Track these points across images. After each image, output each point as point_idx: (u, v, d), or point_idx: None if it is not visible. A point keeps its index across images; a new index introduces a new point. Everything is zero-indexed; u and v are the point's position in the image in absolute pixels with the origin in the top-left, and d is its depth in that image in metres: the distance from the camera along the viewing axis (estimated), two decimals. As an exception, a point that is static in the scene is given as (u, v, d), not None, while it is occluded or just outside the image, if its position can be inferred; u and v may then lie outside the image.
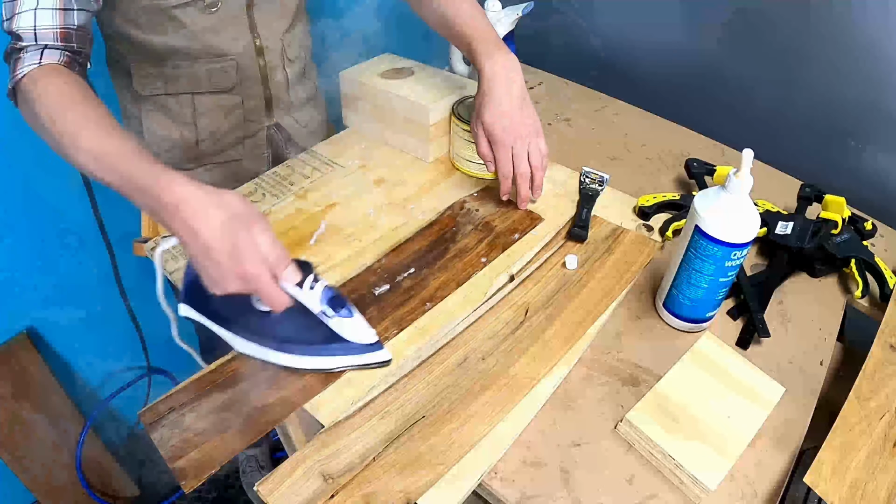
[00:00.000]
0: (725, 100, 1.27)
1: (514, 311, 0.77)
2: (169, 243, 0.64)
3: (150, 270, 0.70)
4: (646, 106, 1.18)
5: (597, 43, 1.43)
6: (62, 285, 1.30)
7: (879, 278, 0.83)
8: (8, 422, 1.25)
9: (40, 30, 0.68)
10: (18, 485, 1.32)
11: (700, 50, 1.27)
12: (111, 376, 1.51)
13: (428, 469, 0.61)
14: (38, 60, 0.67)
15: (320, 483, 0.59)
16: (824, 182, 0.96)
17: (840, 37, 1.06)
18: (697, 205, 0.69)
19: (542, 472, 0.63)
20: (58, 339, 1.35)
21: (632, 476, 0.63)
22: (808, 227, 0.85)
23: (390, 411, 0.66)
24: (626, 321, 0.79)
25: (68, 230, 1.26)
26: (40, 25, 0.68)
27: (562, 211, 0.92)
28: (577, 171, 0.99)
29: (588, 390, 0.71)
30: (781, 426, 0.68)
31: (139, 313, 1.47)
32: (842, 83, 1.09)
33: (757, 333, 0.76)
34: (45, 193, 1.18)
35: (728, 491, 0.62)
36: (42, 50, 0.68)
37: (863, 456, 0.62)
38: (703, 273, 0.71)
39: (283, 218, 0.89)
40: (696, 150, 1.07)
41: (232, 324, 0.70)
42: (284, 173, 0.98)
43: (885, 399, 0.68)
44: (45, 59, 0.68)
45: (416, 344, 0.73)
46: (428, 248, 0.85)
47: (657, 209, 0.92)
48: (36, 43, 0.68)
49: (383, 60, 1.04)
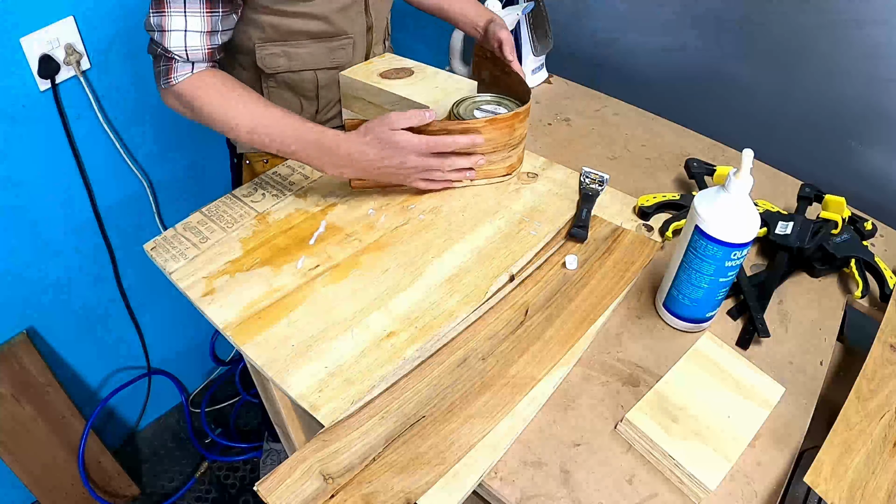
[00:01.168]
0: (725, 100, 1.27)
1: (514, 311, 0.77)
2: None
3: (150, 270, 0.70)
4: (646, 106, 1.18)
5: (597, 43, 1.43)
6: (62, 285, 1.30)
7: (879, 278, 0.83)
8: (8, 422, 1.25)
9: (191, 50, 0.80)
10: (18, 485, 1.32)
11: (700, 50, 1.27)
12: (111, 376, 1.52)
13: (428, 469, 0.61)
14: (189, 71, 0.81)
15: (320, 483, 0.59)
16: (824, 182, 0.96)
17: (840, 36, 1.06)
18: (697, 205, 0.69)
19: (542, 472, 0.63)
20: (58, 339, 1.35)
21: (632, 476, 0.63)
22: (808, 227, 0.85)
23: (390, 411, 0.66)
24: (626, 321, 0.79)
25: (68, 230, 1.26)
26: (191, 47, 0.79)
27: (562, 211, 0.92)
28: (577, 171, 0.99)
29: (588, 390, 0.71)
30: (781, 426, 0.68)
31: (139, 313, 1.47)
32: (842, 83, 1.09)
33: (757, 333, 0.76)
34: (44, 193, 1.18)
35: (728, 491, 0.62)
36: (193, 64, 0.81)
37: (863, 456, 0.62)
38: (703, 273, 0.71)
39: (283, 218, 0.90)
40: (696, 150, 1.07)
41: None
42: (284, 173, 0.98)
43: (885, 399, 0.68)
44: (196, 69, 0.81)
45: (416, 344, 0.73)
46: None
47: (657, 209, 0.92)
48: (187, 60, 0.81)
49: (383, 60, 1.04)
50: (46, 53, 1.06)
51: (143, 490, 1.57)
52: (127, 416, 1.63)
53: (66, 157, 1.18)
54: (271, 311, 0.77)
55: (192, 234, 0.87)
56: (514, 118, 0.89)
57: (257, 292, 0.79)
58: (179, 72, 0.81)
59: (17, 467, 1.30)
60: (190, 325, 1.61)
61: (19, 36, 1.02)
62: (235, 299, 0.78)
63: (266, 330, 0.75)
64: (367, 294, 0.79)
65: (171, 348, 1.62)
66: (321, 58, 0.98)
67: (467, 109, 0.95)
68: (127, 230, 1.35)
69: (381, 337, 0.74)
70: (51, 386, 1.30)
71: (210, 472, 1.63)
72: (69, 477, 1.40)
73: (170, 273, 0.81)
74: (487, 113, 0.94)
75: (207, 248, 0.85)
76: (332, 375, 0.70)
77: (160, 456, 1.66)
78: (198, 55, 0.81)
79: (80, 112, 1.16)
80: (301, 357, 0.72)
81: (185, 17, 0.78)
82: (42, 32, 1.04)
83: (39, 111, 1.10)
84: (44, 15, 1.04)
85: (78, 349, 1.40)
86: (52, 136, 1.14)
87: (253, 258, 0.83)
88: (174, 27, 0.78)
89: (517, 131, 0.92)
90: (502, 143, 0.91)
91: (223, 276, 0.81)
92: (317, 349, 0.73)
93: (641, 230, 0.90)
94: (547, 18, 1.19)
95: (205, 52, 0.81)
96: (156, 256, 0.84)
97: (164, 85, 0.82)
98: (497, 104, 0.97)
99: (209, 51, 0.81)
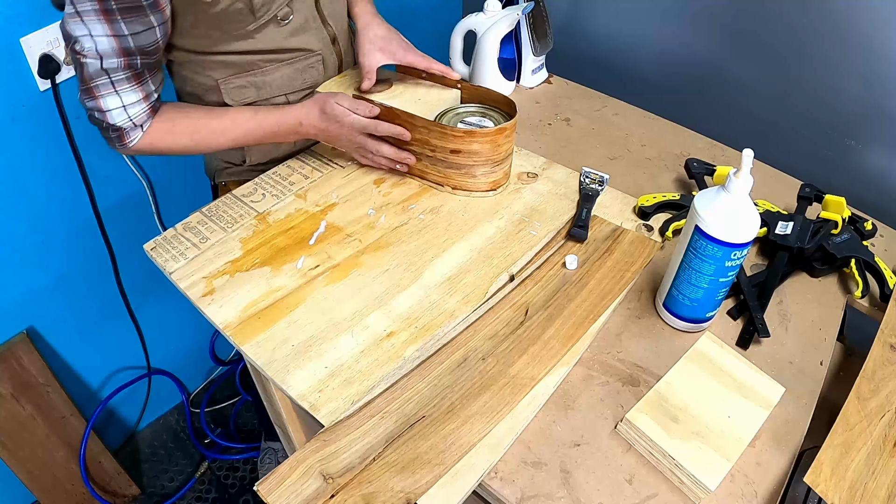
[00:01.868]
0: (725, 100, 1.27)
1: (514, 311, 0.77)
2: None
3: (150, 270, 0.70)
4: (646, 106, 1.18)
5: (597, 43, 1.43)
6: (62, 286, 1.30)
7: (879, 278, 0.83)
8: (8, 422, 1.25)
9: (136, 118, 0.81)
10: (18, 485, 1.32)
11: (700, 50, 1.27)
12: (111, 376, 1.52)
13: (428, 469, 0.61)
14: (140, 132, 0.83)
15: (320, 483, 0.59)
16: (824, 182, 0.96)
17: (840, 36, 1.06)
18: (697, 205, 0.69)
19: (542, 472, 0.63)
20: (58, 339, 1.35)
21: (632, 476, 0.63)
22: (808, 227, 0.85)
23: (390, 411, 0.66)
24: (626, 321, 0.79)
25: (68, 230, 1.26)
26: (134, 115, 0.81)
27: (562, 211, 0.92)
28: (577, 171, 0.99)
29: (588, 390, 0.71)
30: (781, 426, 0.68)
31: (139, 313, 1.47)
32: (842, 83, 1.09)
33: (757, 333, 0.76)
34: (44, 193, 1.18)
35: (728, 491, 0.62)
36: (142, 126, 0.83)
37: (863, 456, 0.62)
38: (703, 273, 0.71)
39: (283, 218, 0.90)
40: (696, 150, 1.07)
41: None
42: (284, 173, 0.98)
43: (885, 399, 0.68)
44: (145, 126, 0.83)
45: (416, 344, 0.73)
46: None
47: (657, 209, 0.92)
48: (135, 126, 0.82)
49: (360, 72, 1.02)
50: (46, 53, 1.06)
51: (143, 490, 1.57)
52: (127, 416, 1.63)
53: (66, 157, 1.18)
54: (271, 311, 0.77)
55: (192, 234, 0.87)
56: (498, 133, 0.87)
57: (257, 292, 0.79)
58: (131, 136, 0.83)
59: (16, 467, 1.30)
60: (190, 325, 1.61)
61: (19, 36, 1.02)
62: (235, 299, 0.78)
63: (266, 330, 0.75)
64: (367, 294, 0.79)
65: (171, 348, 1.62)
66: (291, 81, 0.95)
67: (451, 122, 0.93)
68: (127, 230, 1.34)
69: (381, 337, 0.74)
70: (51, 386, 1.30)
71: (210, 472, 1.63)
72: (69, 477, 1.40)
73: (170, 273, 0.81)
74: (471, 126, 0.93)
75: (207, 248, 0.85)
76: (332, 375, 0.70)
77: (160, 456, 1.66)
78: (143, 118, 0.82)
79: (80, 112, 1.15)
80: (301, 357, 0.72)
81: (118, 94, 0.78)
82: (42, 32, 1.04)
83: (39, 111, 1.10)
84: (44, 15, 1.04)
85: (78, 349, 1.40)
86: (52, 136, 1.14)
87: (253, 258, 0.83)
88: (111, 106, 0.79)
89: (501, 146, 0.89)
90: (483, 157, 0.89)
91: (223, 276, 0.81)
92: (317, 349, 0.73)
93: (641, 230, 0.90)
94: (547, 18, 1.19)
95: (147, 112, 0.82)
96: (156, 256, 0.84)
97: (121, 149, 0.84)
98: (482, 116, 0.95)
99: (150, 108, 0.83)
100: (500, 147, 0.89)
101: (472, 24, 1.14)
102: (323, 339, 0.74)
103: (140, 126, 0.82)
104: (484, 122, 0.94)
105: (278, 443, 1.55)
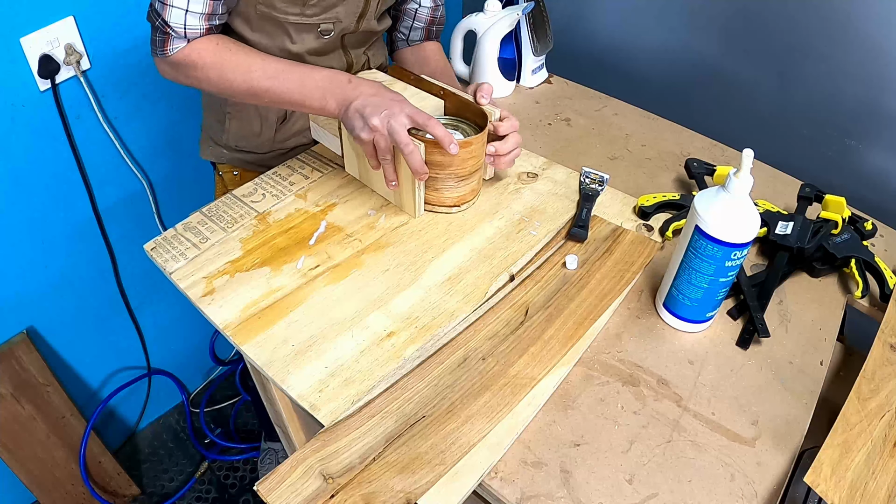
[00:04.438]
0: (725, 100, 1.27)
1: (514, 311, 0.77)
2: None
3: (150, 270, 0.70)
4: (646, 106, 1.18)
5: (597, 43, 1.43)
6: (62, 285, 1.30)
7: (879, 278, 0.83)
8: (8, 422, 1.25)
9: (189, 29, 0.81)
10: (18, 484, 1.32)
11: (700, 50, 1.27)
12: (111, 376, 1.52)
13: (428, 469, 0.61)
14: (185, 44, 0.82)
15: (320, 483, 0.59)
16: (824, 182, 0.96)
17: (840, 36, 1.06)
18: (697, 205, 0.69)
19: (542, 472, 0.63)
20: (58, 339, 1.35)
21: (632, 476, 0.63)
22: (808, 227, 0.85)
23: (390, 411, 0.66)
24: (626, 321, 0.79)
25: (68, 230, 1.26)
26: (190, 26, 0.81)
27: (562, 211, 0.92)
28: (577, 171, 0.99)
29: (588, 390, 0.71)
30: (781, 426, 0.68)
31: (139, 313, 1.47)
32: (842, 82, 1.09)
33: (757, 333, 0.76)
34: (44, 193, 1.18)
35: (728, 491, 0.62)
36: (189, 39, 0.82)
37: (863, 456, 0.62)
38: (703, 273, 0.71)
39: (283, 218, 0.89)
40: (696, 150, 1.07)
41: None
42: (284, 173, 0.98)
43: (885, 399, 0.68)
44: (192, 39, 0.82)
45: (416, 344, 0.73)
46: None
47: (657, 209, 0.92)
48: (184, 37, 0.81)
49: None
50: (46, 53, 1.06)
51: (144, 490, 1.57)
52: (127, 416, 1.63)
53: (66, 156, 1.18)
54: (271, 311, 0.77)
55: (192, 234, 0.87)
56: (465, 145, 0.82)
57: (257, 292, 0.79)
58: (175, 44, 0.81)
59: (16, 467, 1.30)
60: (190, 325, 1.61)
61: (19, 36, 1.02)
62: (235, 299, 0.78)
63: (266, 330, 0.75)
64: (367, 294, 0.79)
65: (171, 348, 1.62)
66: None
67: (420, 131, 0.88)
68: (127, 230, 1.35)
69: (381, 337, 0.74)
70: (51, 386, 1.30)
71: (210, 472, 1.63)
72: (69, 477, 1.40)
73: (170, 273, 0.81)
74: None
75: (207, 248, 0.85)
76: (332, 375, 0.70)
77: (160, 456, 1.66)
78: (195, 34, 0.82)
79: (80, 112, 1.16)
80: (301, 357, 0.72)
81: None
82: (42, 32, 1.04)
83: (39, 111, 1.10)
84: (44, 15, 1.04)
85: (78, 349, 1.40)
86: (52, 136, 1.14)
87: (253, 258, 0.83)
88: (176, 4, 0.78)
89: (466, 162, 0.84)
90: (447, 171, 0.84)
91: (223, 276, 0.81)
92: (317, 349, 0.73)
93: (641, 230, 0.90)
94: (547, 18, 1.19)
95: (202, 31, 0.82)
96: (156, 256, 0.84)
97: (160, 55, 0.83)
98: (454, 128, 0.91)
99: (206, 29, 0.82)
100: (466, 162, 0.84)
101: (472, 24, 1.14)
102: (323, 339, 0.74)
103: (187, 39, 0.81)
104: (455, 133, 0.90)
105: (278, 443, 1.55)
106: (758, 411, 0.69)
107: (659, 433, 0.66)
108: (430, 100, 0.93)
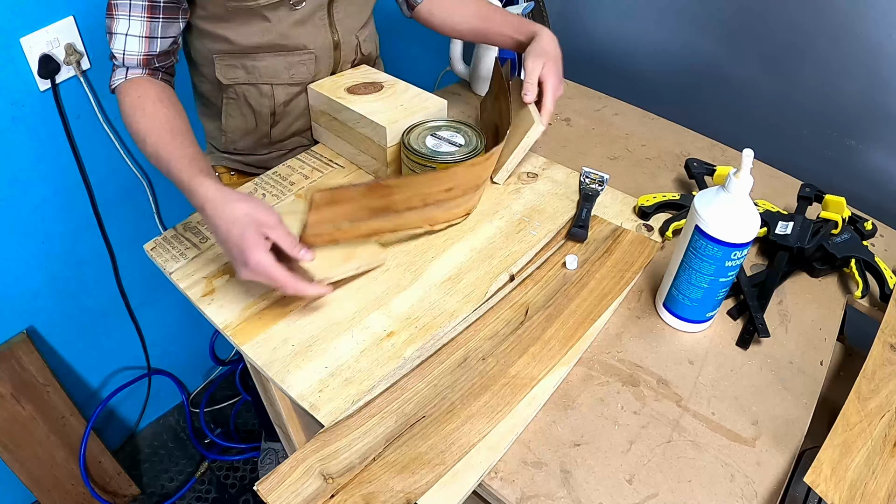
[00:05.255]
0: (725, 100, 1.27)
1: (514, 311, 0.77)
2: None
3: (150, 270, 0.70)
4: (646, 106, 1.18)
5: (596, 43, 1.43)
6: (62, 285, 1.30)
7: (879, 278, 0.83)
8: (8, 422, 1.25)
9: (127, 55, 0.80)
10: (18, 484, 1.32)
11: (700, 50, 1.27)
12: (111, 376, 1.52)
13: (428, 469, 0.61)
14: (124, 76, 0.81)
15: (320, 483, 0.59)
16: (824, 182, 0.96)
17: (840, 36, 1.06)
18: (697, 205, 0.69)
19: (542, 472, 0.63)
20: (58, 339, 1.35)
21: (632, 476, 0.63)
22: (808, 227, 0.85)
23: (390, 411, 0.66)
24: (626, 321, 0.79)
25: (68, 230, 1.26)
26: (128, 51, 0.80)
27: (562, 211, 0.92)
28: (577, 171, 0.99)
29: (588, 390, 0.71)
30: (782, 426, 0.68)
31: (139, 313, 1.47)
32: (842, 82, 1.09)
33: (757, 333, 0.76)
34: (44, 193, 1.18)
35: (728, 491, 0.62)
36: (127, 69, 0.81)
37: (863, 456, 0.62)
38: (703, 273, 0.71)
39: (283, 218, 0.89)
40: (696, 150, 1.07)
41: None
42: (284, 173, 0.98)
43: (885, 399, 0.68)
44: (129, 75, 0.81)
45: (416, 344, 0.73)
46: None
47: (657, 209, 0.92)
48: (123, 64, 0.81)
49: (357, 72, 1.02)
50: (46, 53, 1.06)
51: (143, 490, 1.57)
52: (127, 416, 1.63)
53: (66, 156, 1.18)
54: (271, 311, 0.77)
55: (192, 234, 0.87)
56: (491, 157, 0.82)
57: (257, 292, 0.79)
58: (116, 76, 0.82)
59: (17, 467, 1.30)
60: (190, 325, 1.61)
61: (19, 36, 1.02)
62: (235, 299, 0.78)
63: (266, 330, 0.75)
64: (367, 294, 0.79)
65: (171, 348, 1.62)
66: (278, 72, 0.94)
67: (419, 137, 0.89)
68: (127, 230, 1.34)
69: (381, 337, 0.74)
70: (51, 386, 1.30)
71: (210, 472, 1.63)
72: (69, 477, 1.40)
73: (170, 273, 0.81)
74: (441, 140, 0.90)
75: (207, 248, 0.85)
76: (332, 375, 0.70)
77: (160, 456, 1.66)
78: (132, 61, 0.80)
79: (80, 112, 1.16)
80: (301, 357, 0.72)
81: (128, 20, 0.79)
82: (42, 32, 1.04)
83: (39, 111, 1.10)
84: (44, 15, 1.04)
85: (78, 349, 1.40)
86: (52, 135, 1.14)
87: (253, 258, 0.83)
88: (118, 30, 0.79)
89: (483, 174, 0.85)
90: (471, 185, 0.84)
91: (223, 276, 0.81)
92: (317, 349, 0.73)
93: (641, 230, 0.90)
94: (547, 18, 1.19)
95: (140, 59, 0.80)
96: (156, 256, 0.84)
97: (112, 88, 0.82)
98: (455, 131, 0.91)
99: (144, 58, 0.81)
100: (482, 175, 0.85)
101: (472, 24, 1.14)
102: (323, 339, 0.74)
103: (126, 69, 0.81)
104: (456, 136, 0.91)
105: (278, 443, 1.55)
106: (758, 411, 0.69)
107: (659, 433, 0.66)
108: (432, 100, 0.95)
